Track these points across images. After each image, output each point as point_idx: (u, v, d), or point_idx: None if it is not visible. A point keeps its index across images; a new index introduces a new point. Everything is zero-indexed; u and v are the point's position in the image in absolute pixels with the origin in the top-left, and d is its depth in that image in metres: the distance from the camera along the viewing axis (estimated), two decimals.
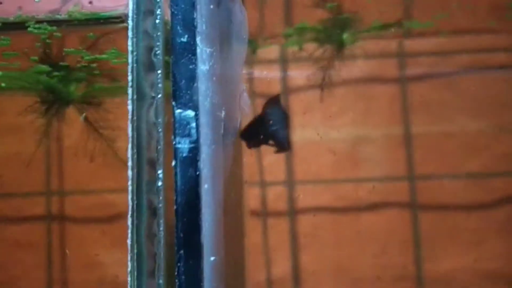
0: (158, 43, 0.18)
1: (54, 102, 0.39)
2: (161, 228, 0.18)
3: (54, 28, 0.34)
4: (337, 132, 0.56)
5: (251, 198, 0.56)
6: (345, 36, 0.41)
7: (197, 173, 0.17)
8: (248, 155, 0.56)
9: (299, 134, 0.56)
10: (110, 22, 0.34)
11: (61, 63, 0.37)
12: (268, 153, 0.56)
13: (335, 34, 0.40)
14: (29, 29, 0.34)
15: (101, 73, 0.38)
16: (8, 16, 0.35)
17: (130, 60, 0.18)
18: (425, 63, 0.55)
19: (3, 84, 0.39)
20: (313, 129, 0.56)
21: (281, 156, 0.56)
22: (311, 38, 0.42)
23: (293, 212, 0.55)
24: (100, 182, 0.54)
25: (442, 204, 0.55)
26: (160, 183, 0.18)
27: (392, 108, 0.55)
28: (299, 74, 0.51)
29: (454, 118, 0.54)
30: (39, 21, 0.34)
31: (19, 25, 0.35)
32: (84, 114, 0.39)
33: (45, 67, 0.36)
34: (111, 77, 0.39)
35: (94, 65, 0.38)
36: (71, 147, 0.49)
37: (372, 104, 0.56)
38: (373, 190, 0.55)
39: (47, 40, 0.36)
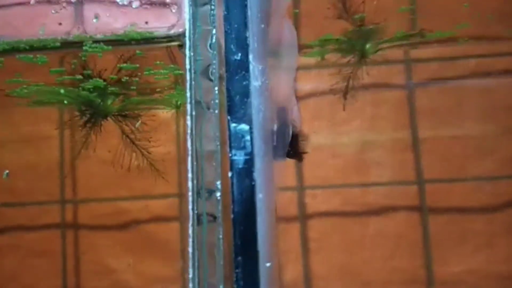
0: (214, 61, 0.19)
1: (92, 115, 0.40)
2: (220, 236, 0.19)
3: (110, 47, 0.35)
4: (346, 138, 0.57)
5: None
6: (368, 46, 0.42)
7: (252, 183, 0.18)
8: None
9: (309, 140, 0.57)
10: (155, 42, 0.35)
11: (100, 79, 0.39)
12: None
13: (358, 44, 0.41)
14: (84, 47, 0.35)
15: (136, 88, 0.39)
16: (67, 36, 0.36)
17: (188, 78, 0.19)
18: (431, 69, 0.55)
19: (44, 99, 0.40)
20: (322, 135, 0.57)
21: (291, 162, 0.57)
22: (333, 48, 0.42)
23: (303, 217, 0.56)
24: (114, 191, 0.55)
25: (451, 207, 0.55)
26: (218, 194, 0.19)
27: (400, 113, 0.56)
28: (313, 83, 0.52)
29: (461, 123, 0.55)
30: (96, 41, 0.35)
31: (76, 44, 0.36)
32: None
33: (100, 81, 0.37)
34: (146, 92, 0.40)
35: (134, 79, 0.39)
36: (93, 156, 0.50)
37: (380, 110, 0.57)
38: (381, 194, 0.56)
39: (83, 58, 0.37)
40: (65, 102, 0.40)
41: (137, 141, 0.43)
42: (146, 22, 0.36)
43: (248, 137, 0.19)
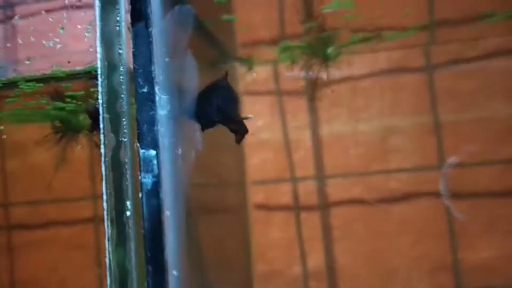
0: (123, 95, 0.22)
1: (66, 131, 0.45)
2: (132, 249, 0.22)
3: (41, 84, 0.40)
4: (365, 125, 0.56)
5: (284, 193, 0.58)
6: (329, 50, 0.43)
7: (160, 202, 0.21)
8: (278, 152, 0.58)
9: (327, 128, 0.57)
10: (78, 78, 0.40)
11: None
12: (297, 149, 0.58)
13: (319, 49, 0.43)
14: (20, 86, 0.40)
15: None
16: (5, 77, 0.41)
17: (101, 111, 0.22)
18: (452, 50, 0.54)
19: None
20: (341, 123, 0.57)
21: (311, 151, 0.57)
22: (300, 53, 0.44)
23: (325, 205, 0.57)
24: None
25: (476, 192, 0.54)
26: (129, 213, 0.22)
27: (420, 97, 0.55)
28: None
29: (485, 104, 0.53)
30: (28, 80, 0.40)
31: (12, 84, 0.40)
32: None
33: (59, 103, 0.41)
34: None
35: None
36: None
37: (399, 95, 0.56)
38: (404, 180, 0.55)
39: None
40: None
41: None
42: (69, 62, 0.40)
43: (155, 161, 0.21)
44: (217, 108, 0.28)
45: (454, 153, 0.54)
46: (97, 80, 0.23)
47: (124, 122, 0.22)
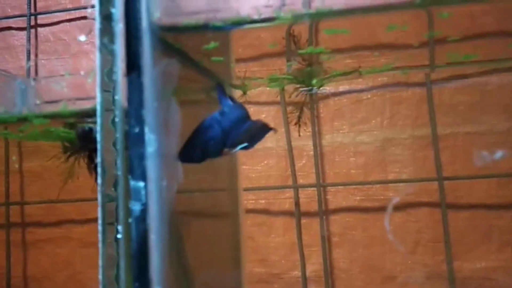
0: (117, 135, 0.25)
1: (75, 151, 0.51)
2: (121, 267, 0.25)
3: (48, 120, 0.46)
4: (366, 136, 0.59)
5: (286, 200, 0.60)
6: (314, 81, 0.47)
7: (146, 227, 0.24)
8: (283, 159, 0.60)
9: (329, 139, 0.60)
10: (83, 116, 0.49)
11: None
12: (300, 158, 0.60)
13: (305, 80, 0.46)
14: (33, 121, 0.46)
15: None
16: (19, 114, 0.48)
17: (99, 147, 0.26)
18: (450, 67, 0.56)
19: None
20: (342, 134, 0.59)
21: (312, 160, 0.59)
22: (288, 83, 0.49)
23: (325, 212, 0.59)
24: None
25: (472, 204, 0.55)
26: (120, 235, 0.25)
27: (419, 111, 0.57)
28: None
29: (482, 119, 0.55)
30: (39, 116, 0.46)
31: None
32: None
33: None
34: None
35: None
36: None
37: (399, 108, 0.58)
38: (402, 190, 0.57)
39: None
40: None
41: None
42: (74, 102, 0.49)
43: (143, 192, 0.25)
44: (200, 151, 0.32)
45: (451, 165, 0.56)
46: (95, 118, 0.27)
47: (118, 157, 0.26)
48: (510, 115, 0.55)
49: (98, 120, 0.27)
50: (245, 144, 0.35)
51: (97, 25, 0.27)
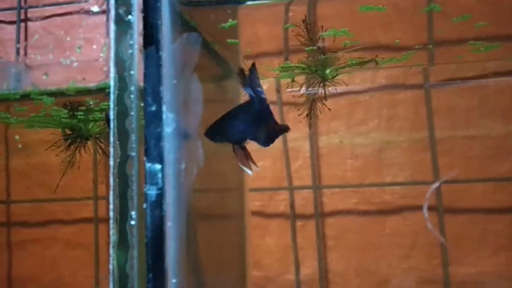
0: (132, 113, 0.24)
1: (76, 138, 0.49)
2: (134, 256, 0.23)
3: (53, 99, 0.43)
4: (363, 138, 0.58)
5: (281, 202, 0.59)
6: (328, 71, 0.46)
7: (162, 213, 0.22)
8: (278, 160, 0.59)
9: (325, 140, 0.59)
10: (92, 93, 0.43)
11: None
12: (295, 159, 0.59)
13: (318, 69, 0.45)
14: (35, 99, 0.44)
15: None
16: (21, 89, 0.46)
17: (111, 126, 0.24)
18: (449, 69, 0.55)
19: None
20: (339, 135, 0.58)
21: (308, 162, 0.58)
22: (299, 72, 0.48)
23: (320, 215, 0.58)
24: None
25: (469, 208, 0.55)
26: (133, 222, 0.23)
27: (416, 114, 0.57)
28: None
29: (480, 123, 0.55)
30: (44, 93, 0.44)
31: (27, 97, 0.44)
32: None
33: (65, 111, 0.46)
34: None
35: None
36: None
37: (397, 110, 0.57)
38: (398, 193, 0.56)
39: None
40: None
41: None
42: (84, 78, 0.44)
43: (160, 175, 0.23)
44: (228, 133, 0.31)
45: (448, 169, 0.55)
46: (109, 96, 0.25)
47: (133, 138, 0.24)
48: (507, 120, 0.54)
49: (111, 97, 0.25)
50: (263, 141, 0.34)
51: None
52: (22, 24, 0.69)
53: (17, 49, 0.68)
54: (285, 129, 0.38)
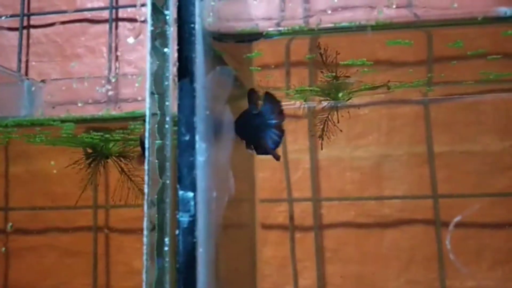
0: (167, 142, 0.24)
1: (96, 156, 0.50)
2: (167, 280, 0.24)
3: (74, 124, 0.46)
4: (362, 151, 0.58)
5: (280, 213, 0.59)
6: (340, 94, 0.48)
7: (194, 240, 0.23)
8: (278, 172, 0.60)
9: (325, 153, 0.59)
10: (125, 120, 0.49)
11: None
12: (295, 170, 0.60)
13: (331, 93, 0.47)
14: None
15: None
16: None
17: (147, 154, 0.25)
18: (448, 85, 0.56)
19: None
20: (338, 148, 0.59)
21: (308, 173, 0.59)
22: (312, 94, 0.49)
23: (319, 227, 0.58)
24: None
25: (467, 222, 0.56)
26: (166, 248, 0.24)
27: (415, 128, 0.57)
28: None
29: (477, 138, 0.56)
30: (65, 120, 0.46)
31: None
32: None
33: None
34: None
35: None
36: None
37: (396, 124, 0.58)
38: (397, 207, 0.57)
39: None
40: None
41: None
42: (119, 107, 0.50)
43: (192, 202, 0.24)
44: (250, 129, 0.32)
45: (446, 183, 0.56)
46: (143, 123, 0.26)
47: (167, 166, 0.25)
48: (504, 135, 0.55)
49: (147, 126, 0.26)
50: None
51: (148, 27, 0.26)
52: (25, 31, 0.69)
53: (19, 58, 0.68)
54: (276, 157, 0.39)
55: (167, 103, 0.25)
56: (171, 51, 0.25)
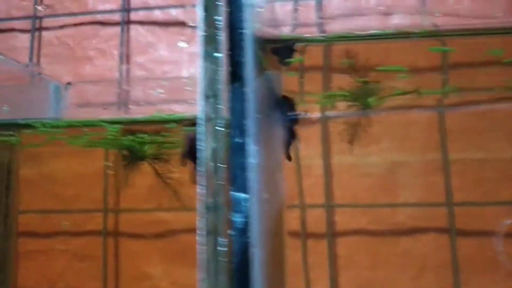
0: (220, 144, 0.25)
1: (131, 158, 0.50)
2: (223, 280, 0.24)
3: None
4: (375, 158, 0.58)
5: (292, 219, 0.59)
6: (370, 100, 0.48)
7: (248, 240, 0.23)
8: (289, 177, 0.59)
9: (338, 159, 0.59)
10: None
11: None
12: (308, 176, 0.59)
13: (361, 98, 0.47)
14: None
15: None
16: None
17: (202, 157, 0.25)
18: (463, 92, 0.56)
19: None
20: (351, 155, 0.58)
21: (321, 180, 0.59)
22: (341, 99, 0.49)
23: (332, 234, 0.58)
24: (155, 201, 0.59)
25: (482, 230, 0.55)
26: (221, 248, 0.24)
27: (429, 135, 0.57)
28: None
29: (491, 146, 0.55)
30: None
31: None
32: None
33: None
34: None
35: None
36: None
37: (410, 131, 0.58)
38: (410, 214, 0.56)
39: None
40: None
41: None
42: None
43: (245, 204, 0.24)
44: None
45: (460, 191, 0.56)
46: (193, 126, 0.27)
47: (220, 168, 0.25)
48: None
49: (202, 128, 0.26)
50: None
51: (200, 32, 0.26)
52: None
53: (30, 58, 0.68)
54: (288, 157, 0.40)
55: (219, 106, 0.26)
56: (222, 55, 0.26)
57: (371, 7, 0.50)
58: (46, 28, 0.71)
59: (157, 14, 0.70)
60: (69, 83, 0.56)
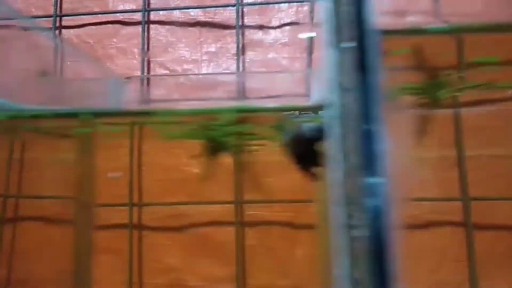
0: (351, 133, 0.26)
1: (214, 148, 0.52)
2: (361, 265, 0.25)
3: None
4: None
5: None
6: (441, 92, 0.49)
7: (383, 224, 0.24)
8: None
9: None
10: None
11: None
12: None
13: (432, 91, 0.48)
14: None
15: None
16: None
17: (335, 144, 0.26)
18: (477, 91, 0.57)
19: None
20: None
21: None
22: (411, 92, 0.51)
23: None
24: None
25: (497, 224, 0.57)
26: (357, 233, 0.25)
27: (446, 132, 0.58)
28: None
29: (506, 143, 0.57)
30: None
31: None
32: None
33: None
34: None
35: None
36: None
37: (426, 127, 0.59)
38: (426, 209, 0.58)
39: None
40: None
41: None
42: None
43: (380, 188, 0.25)
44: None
45: (476, 186, 0.57)
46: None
47: (354, 155, 0.26)
48: None
49: (334, 120, 0.27)
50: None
51: (329, 24, 0.27)
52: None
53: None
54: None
55: (348, 95, 0.27)
56: (349, 45, 0.27)
57: None
58: (66, 27, 0.72)
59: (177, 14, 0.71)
60: (128, 78, 0.57)
